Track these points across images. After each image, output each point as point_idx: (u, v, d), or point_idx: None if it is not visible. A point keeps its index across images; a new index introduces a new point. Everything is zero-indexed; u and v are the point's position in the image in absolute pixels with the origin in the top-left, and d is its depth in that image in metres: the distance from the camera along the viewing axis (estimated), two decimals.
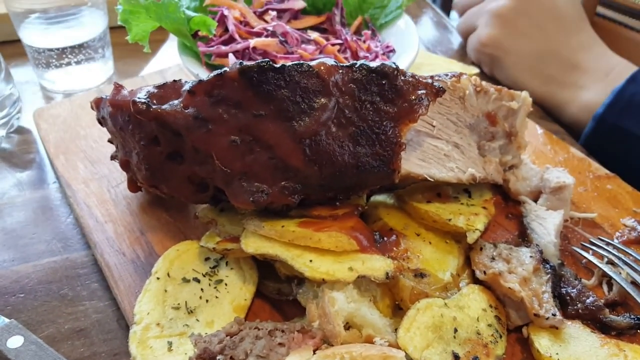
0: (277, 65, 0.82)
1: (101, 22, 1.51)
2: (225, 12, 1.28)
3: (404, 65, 1.24)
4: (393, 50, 1.34)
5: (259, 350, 0.76)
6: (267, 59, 0.82)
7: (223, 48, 1.25)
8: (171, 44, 1.29)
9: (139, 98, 0.85)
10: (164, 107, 0.85)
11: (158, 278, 0.93)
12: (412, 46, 1.29)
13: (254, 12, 1.35)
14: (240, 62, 0.82)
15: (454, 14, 2.16)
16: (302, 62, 0.84)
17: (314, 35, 1.32)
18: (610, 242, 1.04)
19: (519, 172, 1.12)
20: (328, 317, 0.79)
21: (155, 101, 0.86)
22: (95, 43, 1.52)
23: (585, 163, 1.24)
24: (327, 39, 1.36)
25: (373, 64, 0.87)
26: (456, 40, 1.84)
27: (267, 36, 1.27)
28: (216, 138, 0.84)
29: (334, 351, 0.74)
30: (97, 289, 1.05)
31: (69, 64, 1.50)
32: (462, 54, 1.76)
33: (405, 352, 0.76)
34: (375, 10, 1.44)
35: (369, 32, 1.39)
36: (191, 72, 1.22)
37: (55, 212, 1.21)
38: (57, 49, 1.47)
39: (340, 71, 0.86)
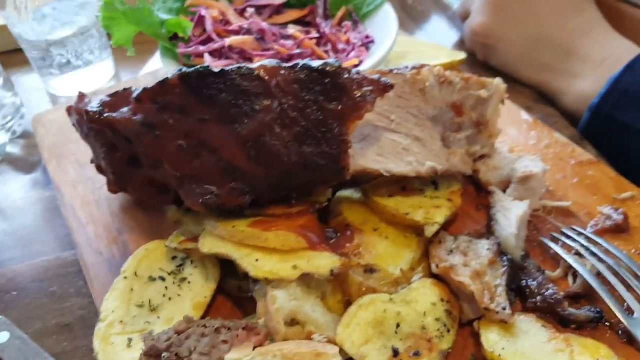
0: (216, 70, 0.84)
1: (99, 29, 1.56)
2: (203, 12, 1.30)
3: (379, 55, 1.23)
4: (372, 41, 1.33)
5: (202, 347, 0.80)
6: (206, 64, 0.85)
7: (200, 48, 1.28)
8: None
9: (91, 107, 0.90)
10: (114, 114, 0.89)
11: (125, 277, 0.98)
12: (389, 37, 1.28)
13: (235, 9, 1.37)
14: (180, 69, 0.84)
15: None
16: (242, 65, 0.85)
17: (291, 30, 1.33)
18: (582, 231, 1.01)
19: (491, 162, 1.10)
20: (270, 314, 0.81)
21: (107, 109, 0.90)
22: (95, 47, 1.57)
23: (568, 148, 1.20)
24: (309, 32, 1.37)
25: (315, 63, 0.87)
26: (454, 24, 1.80)
27: (243, 34, 1.28)
28: (163, 143, 0.87)
29: (268, 349, 0.76)
30: (82, 287, 1.11)
31: (70, 69, 1.57)
32: (458, 38, 1.72)
33: (341, 348, 0.78)
34: (359, 0, 1.43)
35: (350, 23, 1.39)
36: None
37: (53, 213, 1.28)
38: (59, 57, 1.53)
39: (282, 72, 0.87)
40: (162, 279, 0.98)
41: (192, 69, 0.84)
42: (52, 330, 1.05)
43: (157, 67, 1.59)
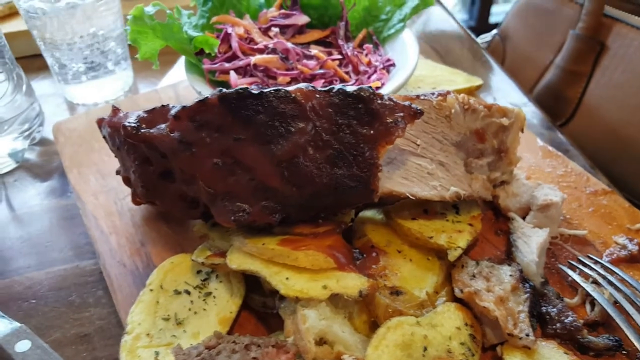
0: (255, 92, 0.86)
1: (120, 38, 1.58)
2: (229, 30, 1.33)
3: (400, 80, 1.26)
4: (393, 64, 1.36)
5: None
6: (246, 86, 0.87)
7: (226, 65, 1.30)
8: None
9: (129, 122, 0.91)
10: (152, 131, 0.91)
11: (151, 290, 0.99)
12: (411, 61, 1.31)
13: (259, 28, 1.39)
14: (220, 89, 0.86)
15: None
16: (279, 87, 0.88)
17: (314, 50, 1.35)
18: (598, 260, 1.03)
19: (510, 188, 1.13)
20: (300, 333, 0.83)
21: (144, 125, 0.92)
22: (115, 57, 1.59)
23: (582, 178, 1.23)
24: (330, 53, 1.39)
25: (350, 89, 0.90)
26: (467, 48, 1.83)
27: (268, 53, 1.31)
28: (199, 160, 0.89)
29: None
30: (102, 297, 1.12)
31: (90, 78, 1.58)
32: (472, 62, 1.76)
33: None
34: (379, 23, 1.46)
35: (371, 45, 1.42)
36: (195, 89, 1.28)
37: (71, 221, 1.29)
38: (78, 65, 1.55)
39: (318, 96, 0.89)
40: (188, 292, 0.99)
41: (232, 90, 0.86)
42: (72, 340, 1.05)
43: (177, 80, 1.61)
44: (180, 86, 1.56)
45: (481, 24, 3.72)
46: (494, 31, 2.11)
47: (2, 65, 1.35)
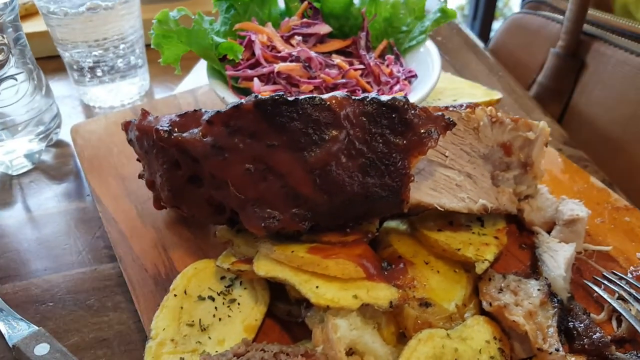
0: (291, 99, 0.86)
1: (138, 42, 1.58)
2: (253, 37, 1.33)
3: (424, 91, 1.26)
4: (415, 76, 1.36)
5: None
6: (282, 92, 0.86)
7: (249, 72, 1.29)
8: (204, 64, 1.36)
9: (161, 126, 0.91)
10: (184, 135, 0.90)
11: (175, 295, 0.98)
12: (434, 72, 1.31)
13: (281, 36, 1.39)
14: (256, 95, 0.86)
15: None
16: (314, 95, 0.87)
17: (337, 60, 1.35)
18: (623, 276, 1.03)
19: (535, 202, 1.13)
20: (331, 342, 0.82)
21: (176, 129, 0.91)
22: (133, 61, 1.59)
23: (604, 194, 1.23)
24: (351, 63, 1.39)
25: (384, 98, 0.90)
26: (483, 63, 1.84)
27: (291, 61, 1.31)
28: (232, 166, 0.88)
29: None
30: (121, 301, 1.11)
31: (107, 81, 1.58)
32: (488, 77, 1.77)
33: None
34: (400, 34, 1.46)
35: (392, 56, 1.42)
36: (218, 95, 1.28)
37: (88, 224, 1.28)
38: (96, 68, 1.55)
39: (352, 104, 0.89)
40: (212, 299, 0.98)
41: (268, 96, 0.85)
42: (90, 344, 1.04)
43: (195, 86, 1.61)
44: (198, 92, 1.56)
45: (482, 39, 3.77)
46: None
47: (23, 65, 1.34)
